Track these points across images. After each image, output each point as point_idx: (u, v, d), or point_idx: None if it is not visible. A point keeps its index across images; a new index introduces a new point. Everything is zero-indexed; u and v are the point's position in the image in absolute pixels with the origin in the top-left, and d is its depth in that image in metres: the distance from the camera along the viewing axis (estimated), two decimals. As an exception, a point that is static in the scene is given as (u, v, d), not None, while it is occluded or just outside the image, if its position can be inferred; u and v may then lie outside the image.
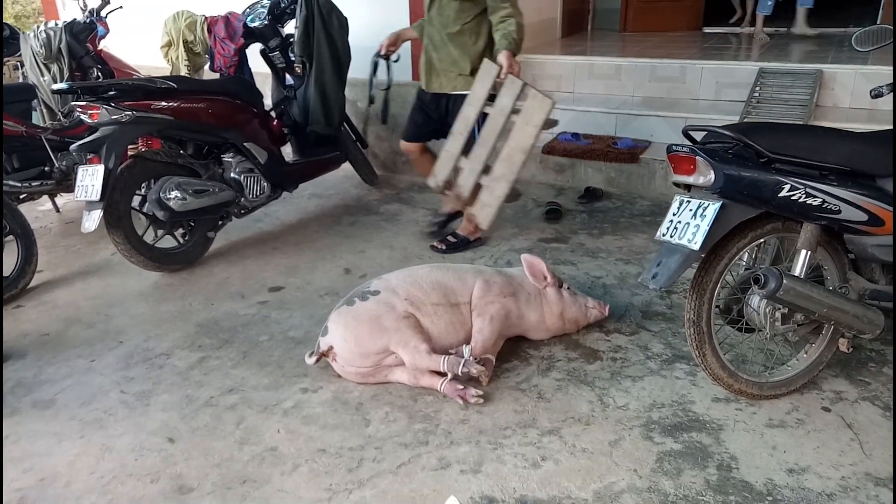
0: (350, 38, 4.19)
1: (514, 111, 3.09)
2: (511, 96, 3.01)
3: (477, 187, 3.28)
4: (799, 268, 2.12)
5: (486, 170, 3.09)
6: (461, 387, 2.34)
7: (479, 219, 3.09)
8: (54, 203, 4.57)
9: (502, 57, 3.10)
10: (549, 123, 2.97)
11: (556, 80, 5.48)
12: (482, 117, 3.29)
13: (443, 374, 2.39)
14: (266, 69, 4.38)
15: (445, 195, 3.44)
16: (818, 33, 5.66)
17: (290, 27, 4.17)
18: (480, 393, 2.35)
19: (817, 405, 2.32)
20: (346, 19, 4.15)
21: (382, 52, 3.68)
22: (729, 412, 2.29)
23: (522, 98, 3.14)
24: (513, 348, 2.68)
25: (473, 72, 3.30)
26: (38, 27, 4.44)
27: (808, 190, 2.02)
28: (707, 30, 6.93)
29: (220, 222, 3.75)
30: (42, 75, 4.44)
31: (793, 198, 2.01)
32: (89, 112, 3.18)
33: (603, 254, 3.60)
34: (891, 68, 3.84)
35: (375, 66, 3.81)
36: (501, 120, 3.05)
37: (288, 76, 4.28)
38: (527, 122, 2.96)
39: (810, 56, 5.03)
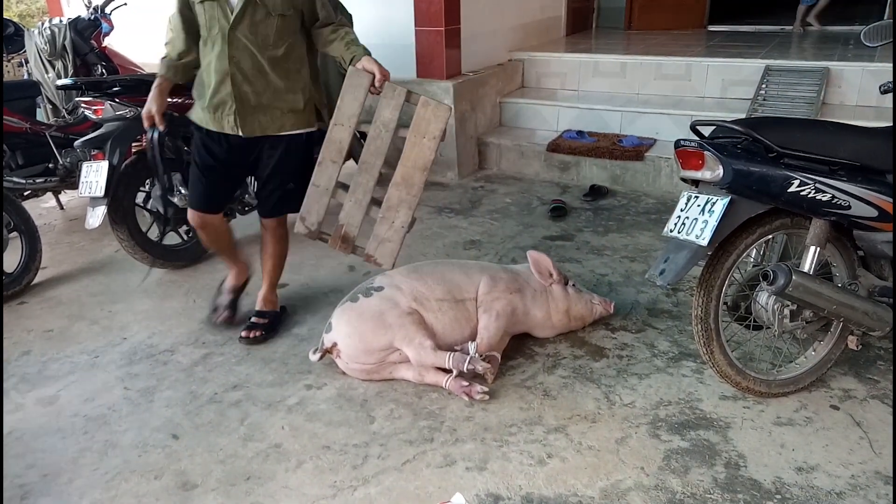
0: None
1: (402, 125, 2.52)
2: (394, 107, 2.48)
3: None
4: (808, 264, 2.10)
5: (375, 201, 2.55)
6: (466, 383, 2.33)
7: (379, 257, 2.51)
8: (58, 200, 4.56)
9: (368, 62, 2.49)
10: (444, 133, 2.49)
11: (561, 77, 5.47)
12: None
13: (448, 371, 2.37)
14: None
15: (322, 239, 2.67)
16: (821, 29, 5.56)
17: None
18: (486, 389, 2.33)
19: (826, 403, 2.30)
20: (350, 16, 4.12)
21: (161, 127, 2.71)
22: (736, 410, 2.27)
23: (406, 107, 2.56)
24: (518, 346, 2.67)
25: (308, 105, 2.66)
26: (43, 24, 4.45)
27: (817, 185, 2.00)
28: (712, 28, 6.91)
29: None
30: (46, 72, 4.44)
31: (802, 193, 1.99)
32: (94, 108, 3.18)
33: (608, 251, 3.58)
34: (898, 65, 3.81)
35: (161, 144, 2.94)
36: (387, 137, 2.51)
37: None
38: (422, 135, 2.43)
39: (817, 53, 5.01)
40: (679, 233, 2.10)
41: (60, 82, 3.35)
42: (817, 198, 2.01)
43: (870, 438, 2.12)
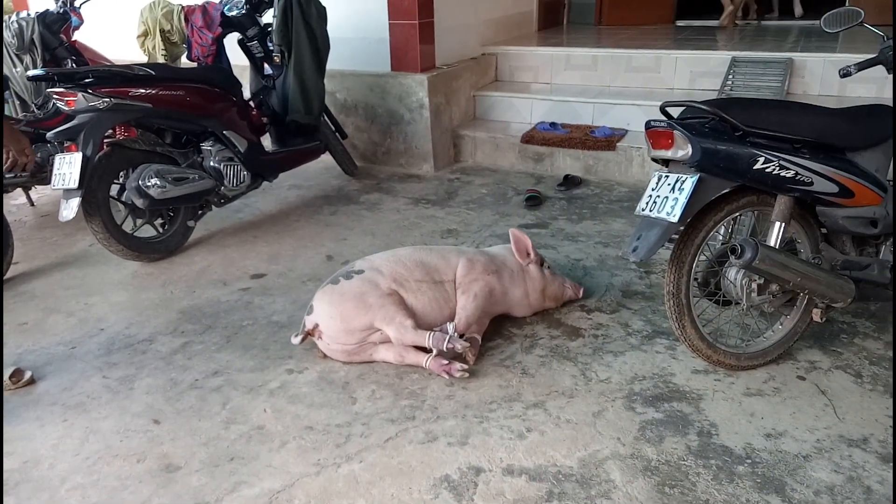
0: (329, 28, 4.19)
1: None
2: None
3: None
4: (774, 239, 2.18)
5: None
6: (446, 362, 2.37)
7: None
8: (28, 196, 4.50)
9: None
10: None
11: (534, 70, 5.54)
12: None
13: (428, 351, 2.41)
14: (244, 60, 4.36)
15: None
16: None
17: (269, 17, 4.15)
18: (466, 367, 2.38)
19: (793, 374, 2.39)
20: (324, 9, 4.15)
21: None
22: (708, 383, 2.35)
23: None
24: (496, 327, 2.71)
25: None
26: (10, 17, 4.37)
27: (781, 162, 2.07)
28: (680, 23, 7.05)
29: (199, 211, 3.72)
30: (14, 66, 4.36)
31: (767, 170, 2.07)
32: (66, 99, 3.14)
33: (582, 238, 3.65)
34: (858, 56, 3.93)
35: None
36: None
37: (266, 66, 4.27)
38: None
39: (781, 45, 5.15)
40: (651, 211, 2.16)
41: (32, 73, 3.30)
42: (781, 174, 2.09)
43: (834, 406, 2.21)
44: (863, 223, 2.27)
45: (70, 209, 3.15)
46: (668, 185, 2.14)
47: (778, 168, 2.08)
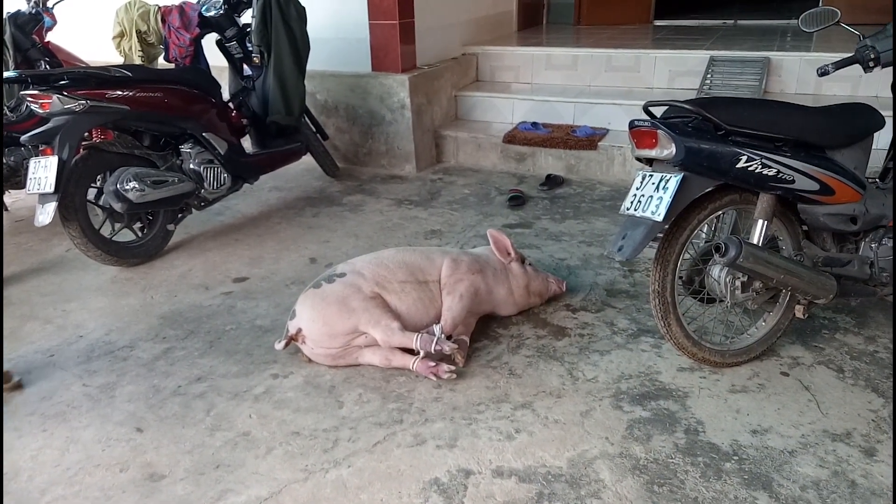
0: (308, 29, 4.15)
1: None
2: None
3: None
4: (756, 236, 2.20)
5: None
6: (433, 364, 2.36)
7: None
8: (1, 201, 4.40)
9: None
10: None
11: (514, 70, 5.54)
12: None
13: (415, 353, 2.40)
14: (223, 61, 4.31)
15: None
16: None
17: (247, 17, 4.11)
18: (453, 368, 2.37)
19: (776, 370, 2.41)
20: (304, 9, 4.12)
21: None
22: (693, 380, 2.36)
23: None
24: (482, 328, 2.71)
25: None
26: (-19, 18, 4.27)
27: (763, 161, 2.09)
28: (658, 22, 7.11)
29: (179, 215, 3.67)
30: (-15, 68, 4.26)
31: (749, 168, 2.09)
32: (41, 102, 3.07)
33: (566, 237, 3.66)
34: (832, 55, 4.00)
35: None
36: None
37: (246, 67, 4.22)
38: None
39: (758, 45, 5.21)
40: (635, 210, 2.17)
41: (4, 74, 3.23)
42: (764, 173, 2.11)
43: (817, 401, 2.24)
44: (843, 220, 2.30)
45: (46, 214, 3.08)
46: (653, 184, 2.15)
47: (760, 166, 2.10)
